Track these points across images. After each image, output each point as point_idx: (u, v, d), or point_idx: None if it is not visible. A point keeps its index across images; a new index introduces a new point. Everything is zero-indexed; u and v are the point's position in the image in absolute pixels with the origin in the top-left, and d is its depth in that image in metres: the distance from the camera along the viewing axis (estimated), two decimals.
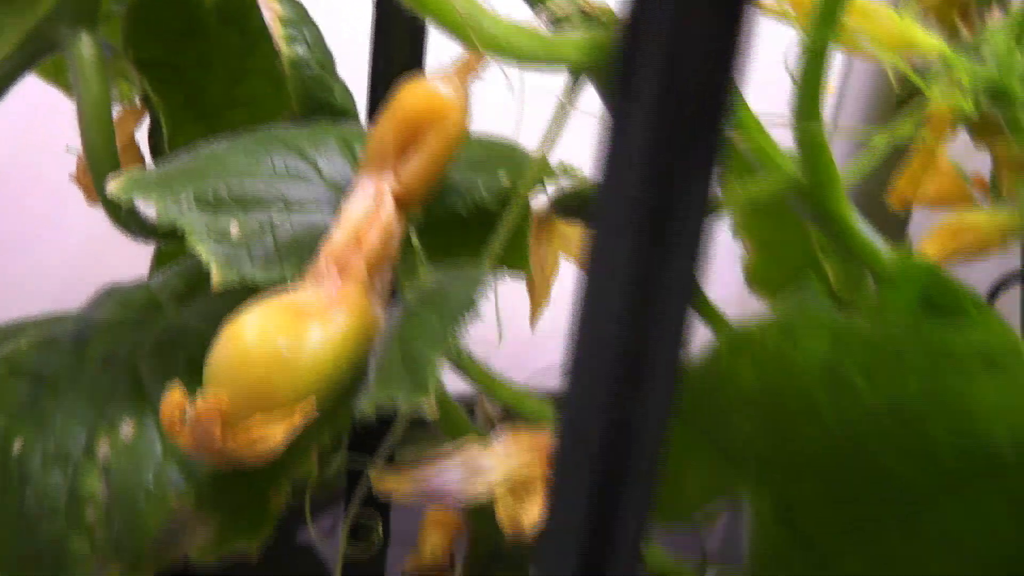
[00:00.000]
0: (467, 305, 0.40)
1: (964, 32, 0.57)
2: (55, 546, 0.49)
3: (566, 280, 0.57)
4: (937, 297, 0.42)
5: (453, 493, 0.41)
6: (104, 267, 0.66)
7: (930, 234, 0.70)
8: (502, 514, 0.42)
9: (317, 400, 0.39)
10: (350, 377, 0.41)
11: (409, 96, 0.45)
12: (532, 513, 0.42)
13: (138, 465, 0.49)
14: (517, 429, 0.44)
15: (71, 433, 0.50)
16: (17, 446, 0.51)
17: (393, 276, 0.45)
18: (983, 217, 0.68)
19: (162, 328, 0.54)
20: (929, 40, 0.55)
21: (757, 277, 0.63)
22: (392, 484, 0.41)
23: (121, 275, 0.61)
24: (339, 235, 0.44)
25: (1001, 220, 0.67)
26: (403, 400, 0.38)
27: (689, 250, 0.26)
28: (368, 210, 0.44)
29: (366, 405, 0.39)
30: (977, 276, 0.88)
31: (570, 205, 0.55)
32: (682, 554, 0.49)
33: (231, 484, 0.48)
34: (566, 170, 0.53)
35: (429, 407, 0.38)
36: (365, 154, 0.46)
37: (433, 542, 0.53)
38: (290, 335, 0.39)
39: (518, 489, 0.42)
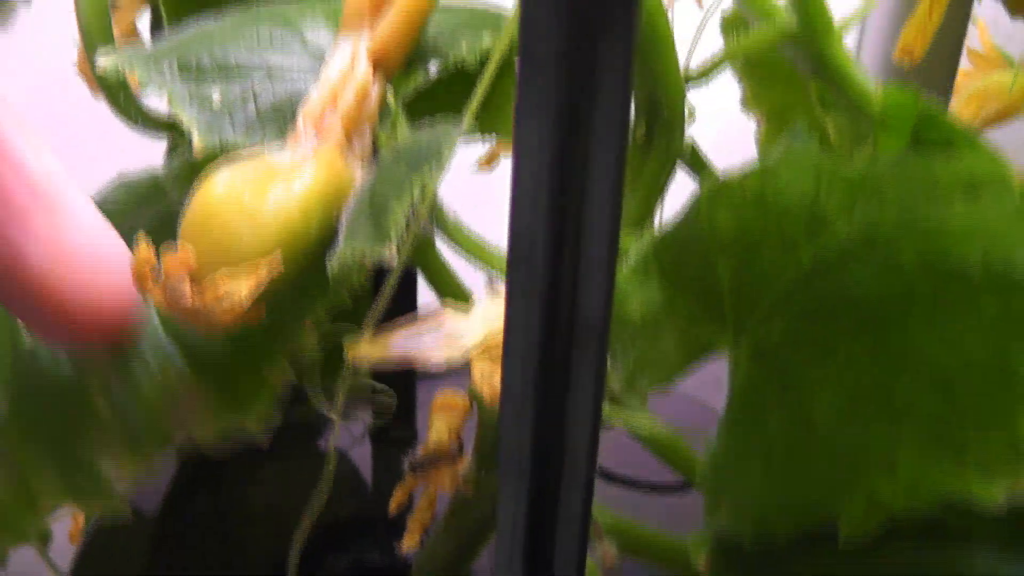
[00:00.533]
0: (434, 154, 0.39)
1: None
2: (62, 422, 0.50)
3: None
4: (928, 132, 0.41)
5: (428, 358, 0.41)
6: None
7: (958, 102, 0.69)
8: (477, 379, 0.41)
9: (288, 257, 0.39)
10: (325, 238, 0.41)
11: None
12: None
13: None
14: (498, 292, 0.43)
15: None
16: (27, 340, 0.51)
17: (373, 138, 0.44)
18: (1008, 78, 0.66)
19: (163, 209, 0.54)
20: None
21: (769, 149, 0.62)
22: (367, 350, 0.41)
23: None
24: (315, 96, 0.43)
25: None
26: (367, 251, 0.37)
27: (613, 118, 0.25)
28: (343, 70, 0.43)
29: (332, 261, 0.39)
30: None
31: None
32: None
33: (226, 358, 0.48)
34: None
35: (389, 253, 0.37)
36: (344, 17, 0.45)
37: (440, 427, 0.52)
38: (256, 188, 0.39)
39: (495, 354, 0.42)
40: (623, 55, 0.24)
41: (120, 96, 0.56)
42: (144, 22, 0.63)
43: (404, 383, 0.68)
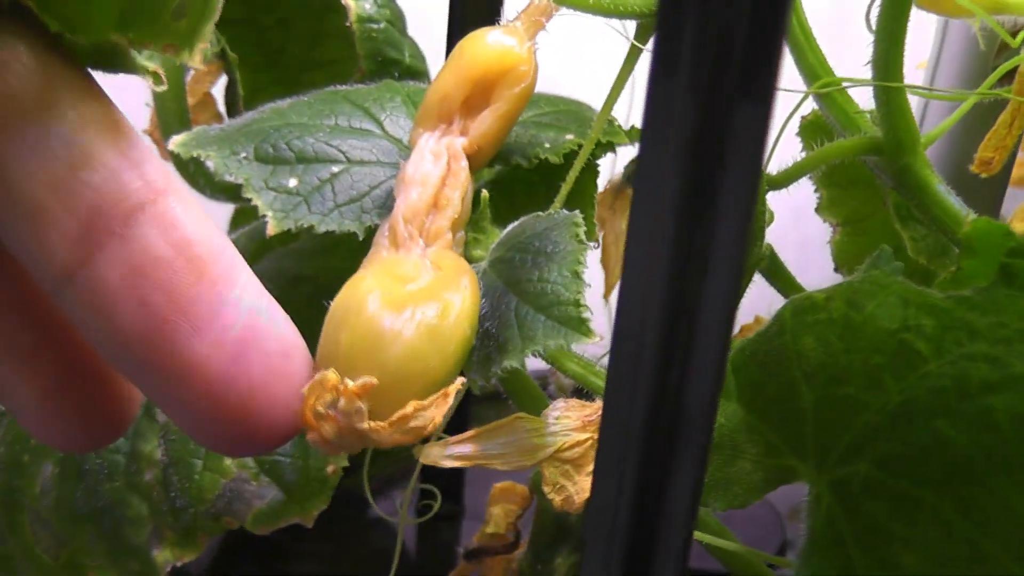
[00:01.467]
0: (580, 249, 0.39)
1: None
2: (115, 506, 0.49)
3: None
4: (1017, 267, 0.40)
5: (498, 463, 0.40)
6: None
7: (1020, 211, 0.68)
8: (549, 488, 0.40)
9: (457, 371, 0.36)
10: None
11: (477, 50, 0.43)
12: (583, 490, 0.40)
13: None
14: (574, 403, 0.43)
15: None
16: None
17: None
18: None
19: None
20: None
21: (844, 256, 0.61)
22: (436, 453, 0.40)
23: None
24: (415, 195, 0.42)
25: None
26: (566, 343, 0.36)
27: (737, 213, 0.24)
28: (441, 169, 0.42)
29: (509, 360, 0.37)
30: None
31: None
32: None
33: (288, 456, 0.48)
34: (635, 133, 0.51)
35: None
36: (425, 109, 0.44)
37: (498, 515, 0.52)
38: (430, 306, 0.35)
39: (569, 464, 0.41)
40: (751, 180, 0.24)
41: (190, 167, 0.56)
42: (219, 87, 0.63)
43: None
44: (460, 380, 0.35)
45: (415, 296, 0.35)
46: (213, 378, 0.31)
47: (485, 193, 0.43)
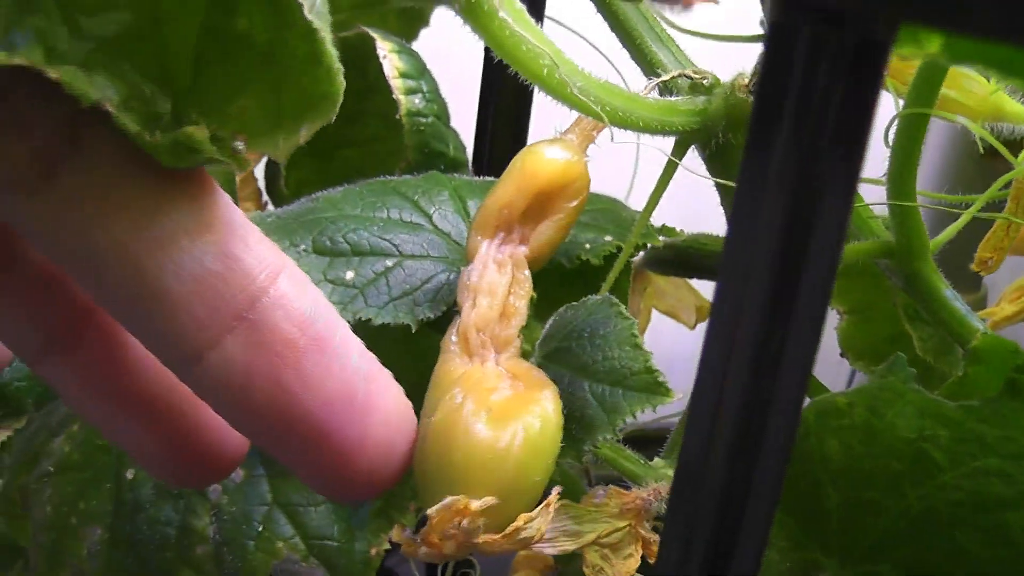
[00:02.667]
0: (629, 324, 0.43)
1: None
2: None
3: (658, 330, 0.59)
4: (1022, 382, 0.43)
5: (543, 549, 0.43)
6: None
7: (1008, 291, 0.71)
8: (589, 570, 0.43)
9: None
10: None
11: (538, 164, 0.46)
12: (620, 573, 0.43)
13: (248, 510, 0.51)
14: (614, 491, 0.46)
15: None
16: (130, 473, 0.53)
17: None
18: None
19: None
20: (1018, 108, 0.56)
21: (849, 343, 0.64)
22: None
23: None
24: (487, 305, 0.44)
25: None
26: (652, 405, 0.41)
27: (812, 321, 0.27)
28: (507, 279, 0.44)
29: (601, 433, 0.41)
30: None
31: (664, 258, 0.57)
32: None
33: (335, 539, 0.51)
34: (666, 231, 0.55)
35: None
36: (484, 217, 0.46)
37: None
38: (530, 420, 0.38)
39: (608, 549, 0.44)
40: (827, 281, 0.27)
41: None
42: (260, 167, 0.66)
43: None
44: (558, 490, 0.38)
45: (513, 412, 0.37)
46: (344, 443, 0.34)
47: (533, 294, 0.46)
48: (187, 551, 0.51)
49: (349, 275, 0.48)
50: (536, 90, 0.44)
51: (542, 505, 0.37)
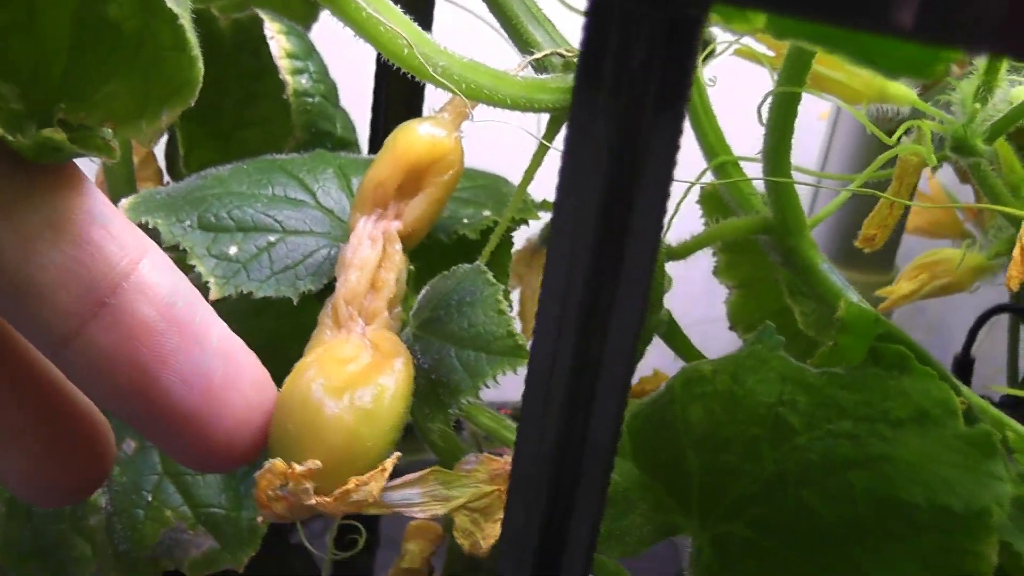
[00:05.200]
0: (495, 290, 0.44)
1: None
2: (59, 546, 0.53)
3: None
4: (884, 350, 0.45)
5: (414, 512, 0.44)
6: None
7: (908, 270, 0.73)
8: (459, 534, 0.45)
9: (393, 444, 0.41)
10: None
11: (410, 141, 0.47)
12: (490, 536, 0.45)
13: (138, 481, 0.53)
14: (484, 457, 0.47)
15: None
16: None
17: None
18: (956, 255, 0.71)
19: None
20: (901, 90, 0.58)
21: (738, 317, 0.66)
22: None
23: None
24: (353, 278, 0.46)
25: (973, 260, 0.70)
26: (512, 368, 0.42)
27: (639, 274, 0.28)
28: (378, 253, 0.46)
29: (464, 396, 0.43)
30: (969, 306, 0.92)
31: None
32: None
33: (223, 507, 0.52)
34: (546, 206, 0.56)
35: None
36: (362, 194, 0.47)
37: (413, 549, 0.56)
38: (365, 389, 0.40)
39: (477, 513, 0.45)
40: (652, 242, 0.28)
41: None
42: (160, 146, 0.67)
43: None
44: (396, 455, 0.40)
45: (353, 382, 0.39)
46: (203, 420, 0.35)
47: (412, 268, 0.47)
48: (81, 522, 0.52)
49: (233, 250, 0.49)
50: None
51: (377, 469, 0.39)
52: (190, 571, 0.51)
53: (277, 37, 0.59)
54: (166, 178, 0.67)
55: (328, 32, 0.64)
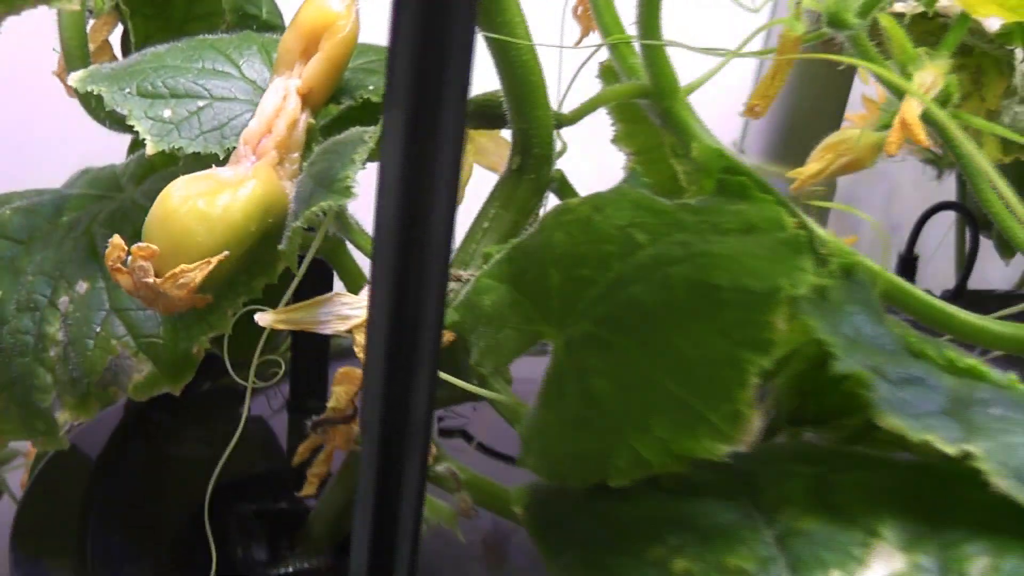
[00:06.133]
0: (362, 147, 0.51)
1: None
2: (25, 377, 0.60)
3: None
4: (729, 181, 0.51)
5: (319, 327, 0.51)
6: None
7: (816, 152, 0.79)
8: (357, 349, 0.52)
9: (232, 252, 0.50)
10: (259, 241, 0.52)
11: (307, 11, 0.56)
12: None
13: (89, 315, 0.60)
14: None
15: (39, 287, 0.61)
16: None
17: (301, 161, 0.55)
18: (856, 135, 0.77)
19: (117, 203, 0.65)
20: None
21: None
22: (270, 318, 0.51)
23: None
24: (253, 124, 0.54)
25: (871, 138, 0.76)
26: (333, 201, 0.49)
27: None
28: (276, 104, 0.54)
29: (300, 222, 0.50)
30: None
31: (475, 113, 0.64)
32: None
33: (161, 337, 0.59)
34: None
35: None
36: (276, 61, 0.56)
37: (339, 394, 0.62)
38: (208, 198, 0.50)
39: None
40: (456, 112, 0.34)
41: (91, 102, 0.67)
42: (116, 36, 0.74)
43: (318, 362, 0.78)
44: (225, 253, 0.49)
45: (202, 192, 0.50)
46: None
47: (312, 122, 0.55)
48: (42, 354, 0.60)
49: (167, 113, 0.56)
50: None
51: (203, 260, 0.49)
52: (134, 394, 0.59)
53: None
54: None
55: None
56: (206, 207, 0.50)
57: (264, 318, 0.51)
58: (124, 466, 0.73)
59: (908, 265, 1.10)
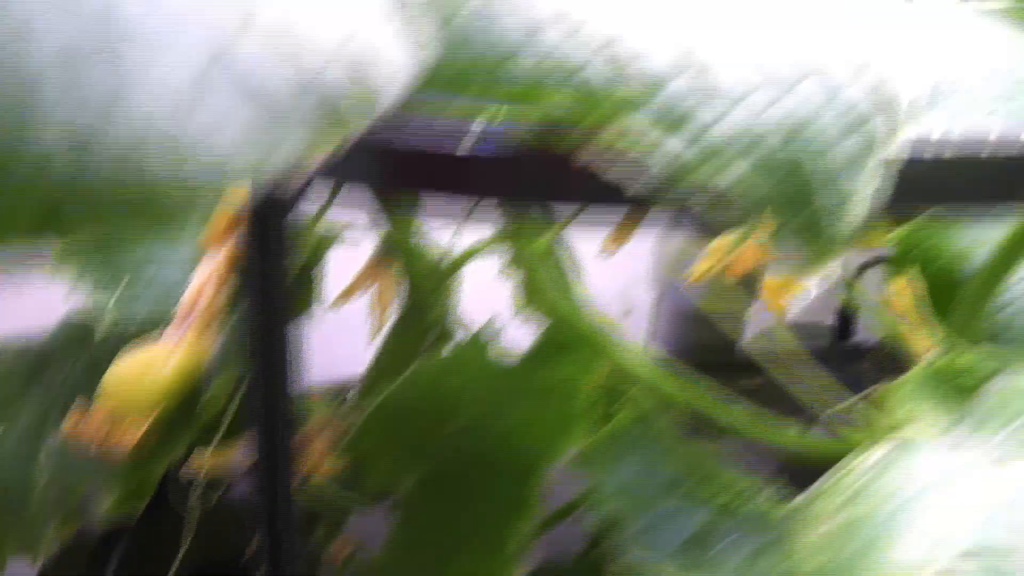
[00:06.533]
0: None
1: None
2: (18, 499, 0.74)
3: None
4: (560, 336, 0.63)
5: None
6: None
7: (711, 250, 0.89)
8: None
9: (165, 407, 0.64)
10: (188, 400, 0.65)
11: None
12: None
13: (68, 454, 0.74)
14: None
15: (32, 426, 0.75)
16: (0, 430, 0.76)
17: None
18: (732, 241, 0.86)
19: (86, 361, 0.79)
20: None
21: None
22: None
23: None
24: (184, 299, 0.67)
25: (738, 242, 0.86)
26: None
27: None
28: (203, 281, 0.67)
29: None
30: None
31: None
32: None
33: (123, 473, 0.73)
34: None
35: None
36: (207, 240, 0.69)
37: None
38: (147, 367, 0.63)
39: None
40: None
41: None
42: None
43: None
44: (157, 412, 0.63)
45: (146, 362, 0.63)
46: None
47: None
48: (32, 482, 0.72)
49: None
50: None
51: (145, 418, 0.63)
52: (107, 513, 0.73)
53: None
54: None
55: None
56: (148, 375, 0.63)
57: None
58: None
59: (844, 319, 1.13)
